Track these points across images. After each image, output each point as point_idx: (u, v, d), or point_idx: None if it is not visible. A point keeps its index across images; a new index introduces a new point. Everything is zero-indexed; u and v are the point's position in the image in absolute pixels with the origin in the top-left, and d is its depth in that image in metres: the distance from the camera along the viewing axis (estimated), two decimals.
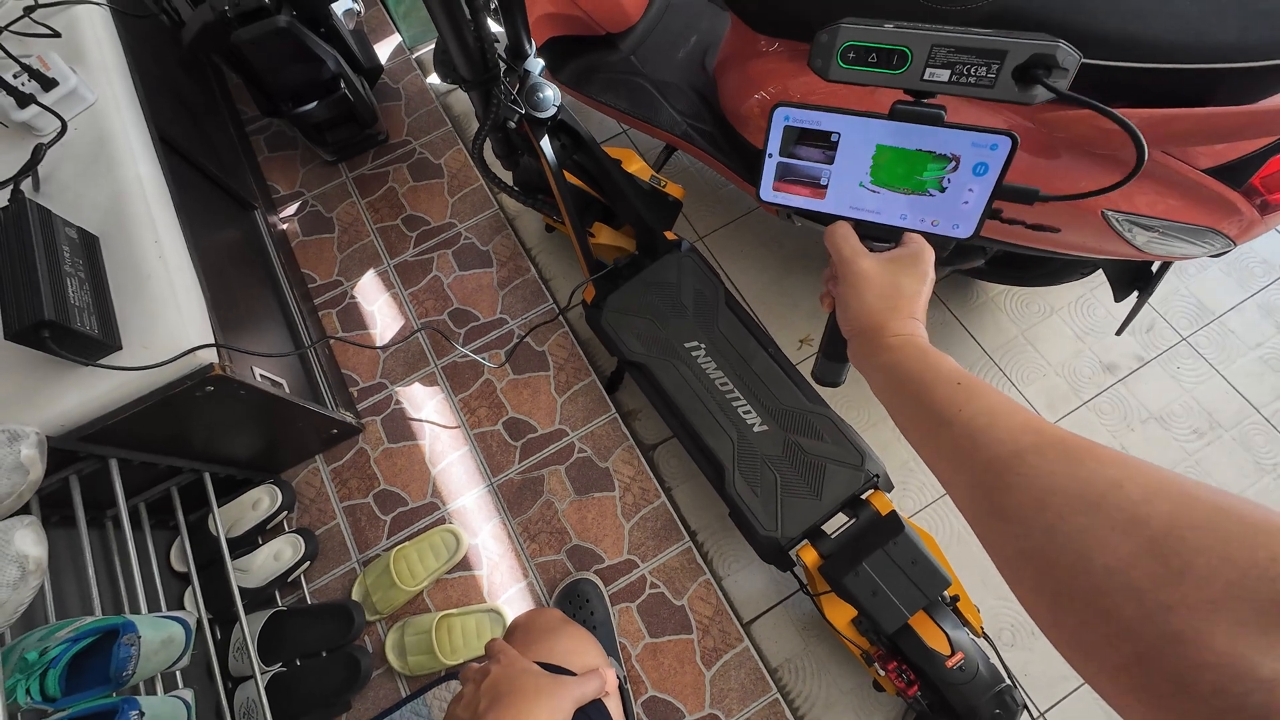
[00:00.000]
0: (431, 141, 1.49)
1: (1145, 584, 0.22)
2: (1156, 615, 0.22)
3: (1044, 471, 0.28)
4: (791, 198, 0.47)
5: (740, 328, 1.10)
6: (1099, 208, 0.72)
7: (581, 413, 1.22)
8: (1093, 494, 0.26)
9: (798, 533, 0.95)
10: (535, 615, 0.64)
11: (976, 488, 0.31)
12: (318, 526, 1.16)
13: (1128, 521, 0.24)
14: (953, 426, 0.34)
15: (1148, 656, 0.21)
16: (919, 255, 0.44)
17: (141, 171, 0.92)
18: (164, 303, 0.82)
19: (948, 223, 0.44)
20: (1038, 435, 0.30)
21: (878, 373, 0.42)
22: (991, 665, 0.86)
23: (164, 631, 0.69)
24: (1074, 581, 0.25)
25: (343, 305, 1.35)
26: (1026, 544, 0.27)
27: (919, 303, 0.44)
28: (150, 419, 0.82)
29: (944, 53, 0.41)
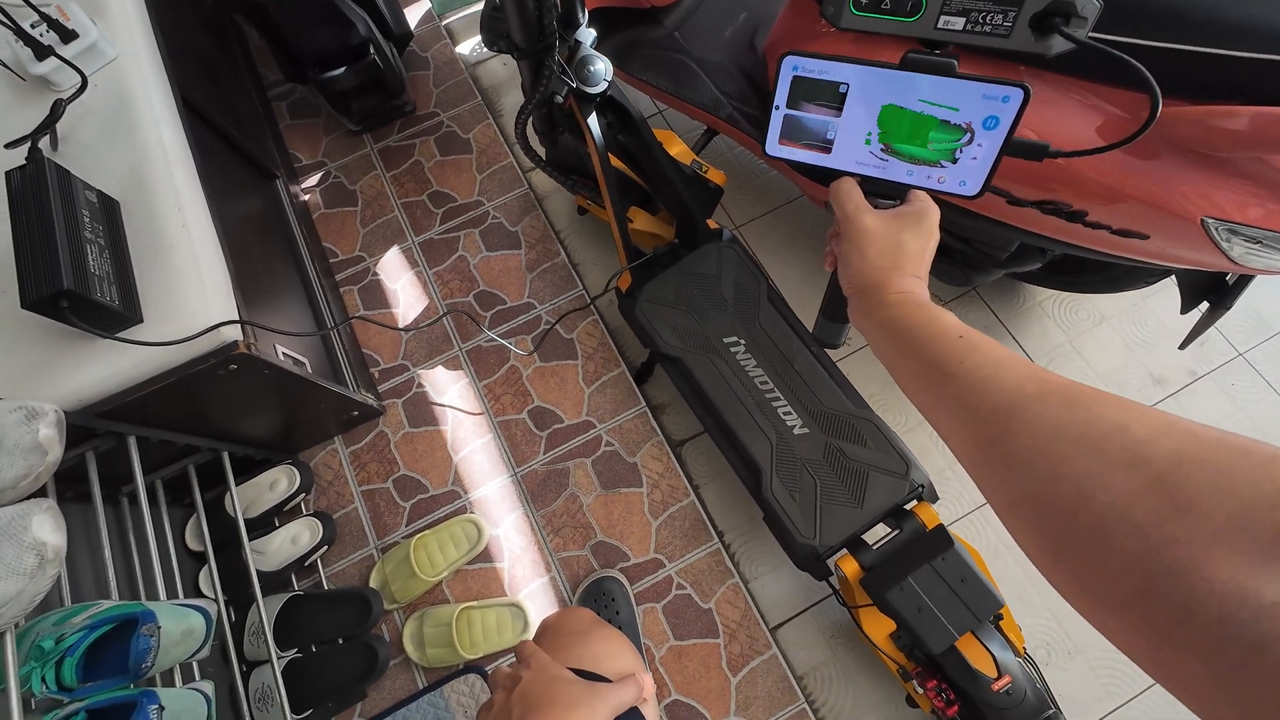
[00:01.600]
0: (460, 115, 1.43)
1: (1148, 519, 0.22)
2: (1160, 549, 0.22)
3: (1047, 417, 0.28)
4: (797, 152, 0.46)
5: (783, 324, 1.05)
6: (1199, 215, 0.66)
7: (610, 405, 1.18)
8: (1096, 436, 0.26)
9: (836, 541, 0.91)
10: (565, 616, 0.60)
11: (979, 437, 0.31)
12: (335, 510, 1.13)
13: (1131, 460, 0.24)
14: (955, 379, 0.34)
15: (1150, 590, 0.22)
16: (924, 213, 0.44)
17: (164, 135, 0.87)
18: (187, 275, 0.78)
19: (954, 180, 0.43)
20: (1041, 384, 0.30)
21: (877, 329, 0.42)
22: (1039, 690, 0.82)
23: (184, 622, 0.66)
24: (1075, 520, 0.25)
25: (365, 282, 1.30)
26: (1029, 487, 0.27)
27: (922, 261, 0.43)
28: (170, 396, 0.78)
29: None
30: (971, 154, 0.42)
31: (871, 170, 0.45)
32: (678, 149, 1.15)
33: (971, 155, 0.42)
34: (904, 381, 0.40)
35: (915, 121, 0.42)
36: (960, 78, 0.40)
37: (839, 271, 0.46)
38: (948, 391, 0.34)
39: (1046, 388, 0.30)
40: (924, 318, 0.39)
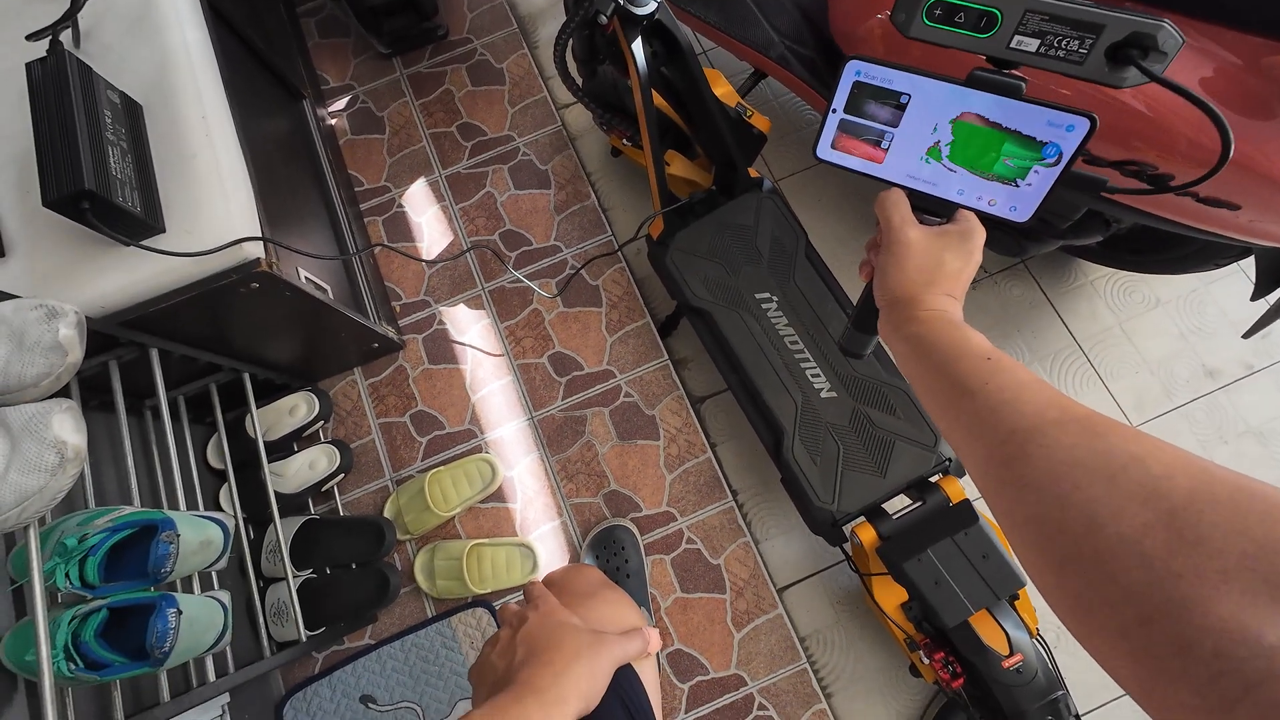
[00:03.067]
0: (494, 43, 1.36)
1: (1157, 551, 0.23)
2: (1165, 581, 0.22)
3: (1065, 444, 0.28)
4: (848, 158, 0.46)
5: (819, 283, 1.00)
6: None
7: (632, 355, 1.16)
8: (1112, 467, 0.26)
9: (855, 509, 0.89)
10: (574, 573, 0.59)
11: (993, 457, 0.32)
12: (353, 440, 1.14)
13: (1147, 495, 0.24)
14: (976, 397, 0.34)
15: (1151, 620, 0.22)
16: (969, 233, 0.44)
17: (189, 38, 0.83)
18: (210, 186, 0.75)
19: (1005, 204, 0.43)
20: (1062, 411, 0.30)
21: (904, 344, 0.42)
22: (1050, 671, 0.81)
23: (203, 533, 0.67)
24: (1082, 547, 0.25)
25: (390, 214, 1.27)
26: (1038, 510, 0.28)
27: (959, 281, 0.43)
28: (192, 310, 0.77)
29: (1036, 20, 0.38)
30: (1028, 179, 0.41)
31: (921, 185, 0.45)
32: (723, 90, 1.08)
33: (1028, 181, 0.41)
34: (926, 397, 0.40)
35: (989, 137, 0.41)
36: (1027, 101, 0.40)
37: (875, 282, 0.46)
38: (968, 408, 0.35)
39: (1067, 415, 0.30)
40: (953, 337, 0.39)
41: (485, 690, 0.45)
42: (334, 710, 1.01)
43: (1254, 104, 0.60)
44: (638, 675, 0.50)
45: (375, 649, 1.03)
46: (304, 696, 1.02)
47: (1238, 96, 0.60)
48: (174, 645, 0.60)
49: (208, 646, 0.67)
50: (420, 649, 1.03)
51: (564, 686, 0.42)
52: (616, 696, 0.47)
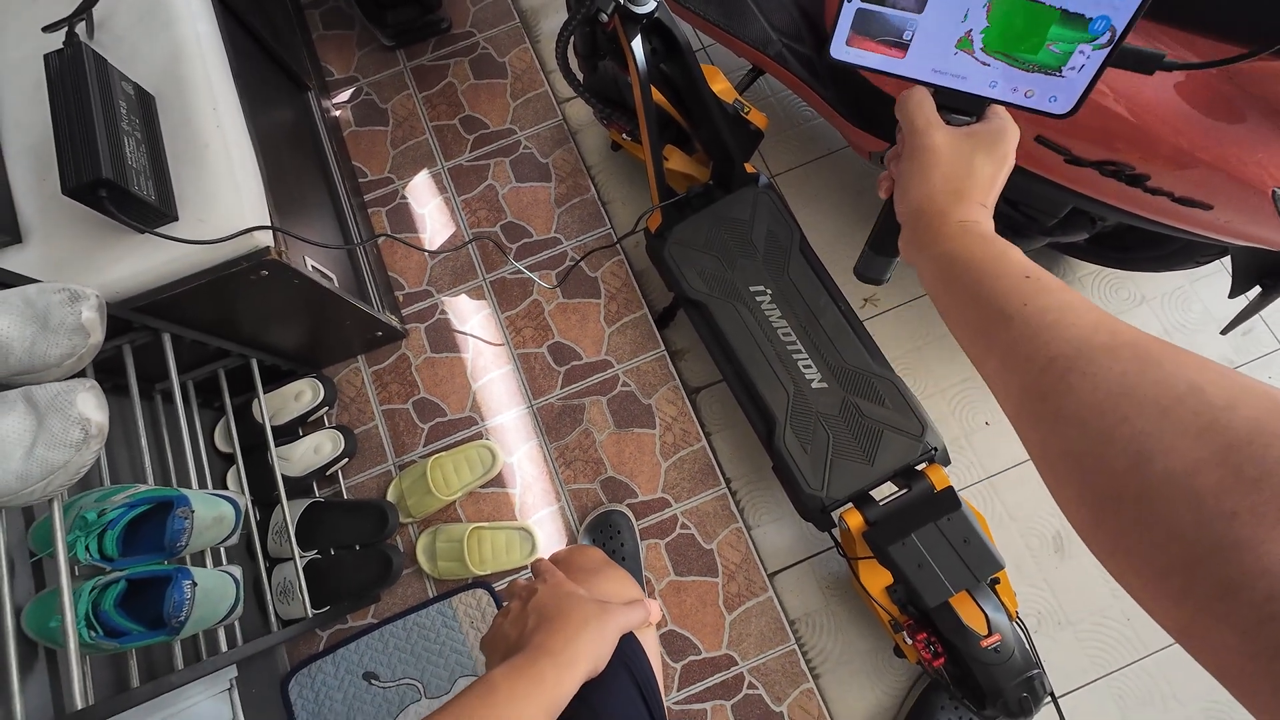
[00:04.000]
0: (496, 37, 1.38)
1: (1208, 490, 0.21)
2: (1215, 521, 0.21)
3: (1114, 373, 0.26)
4: (866, 55, 0.41)
5: (813, 277, 1.03)
6: (1272, 186, 0.63)
7: (629, 346, 1.18)
8: (1167, 398, 0.24)
9: (843, 495, 0.92)
10: (578, 553, 0.62)
11: (1031, 388, 0.29)
12: (356, 426, 1.17)
13: (1203, 427, 0.22)
14: (1013, 322, 0.31)
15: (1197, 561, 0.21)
16: (1002, 132, 0.39)
17: (199, 29, 0.85)
18: (221, 176, 0.78)
19: (1044, 95, 0.38)
20: (1111, 335, 0.27)
21: (931, 263, 0.38)
22: (1026, 651, 0.84)
23: (216, 509, 0.70)
24: (1125, 485, 0.23)
25: (393, 205, 1.29)
26: (1078, 445, 0.26)
27: (992, 188, 0.39)
28: (204, 297, 0.80)
29: None
30: (1072, 63, 0.36)
31: (949, 80, 0.39)
32: (720, 86, 1.10)
33: (1071, 65, 0.36)
34: (955, 323, 0.36)
35: (1031, 18, 0.36)
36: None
37: (896, 194, 0.41)
38: (1004, 336, 0.31)
39: (1117, 340, 0.27)
40: (987, 252, 0.35)
41: (499, 656, 0.47)
42: (337, 686, 1.04)
43: (1224, 108, 0.63)
44: (640, 643, 0.53)
45: (378, 628, 1.06)
46: (308, 673, 1.05)
47: (1210, 101, 0.63)
48: (190, 615, 0.63)
49: (220, 617, 0.70)
50: (422, 628, 1.06)
51: (575, 649, 0.45)
52: (622, 662, 0.50)
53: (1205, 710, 1.04)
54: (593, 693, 0.47)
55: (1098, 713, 1.05)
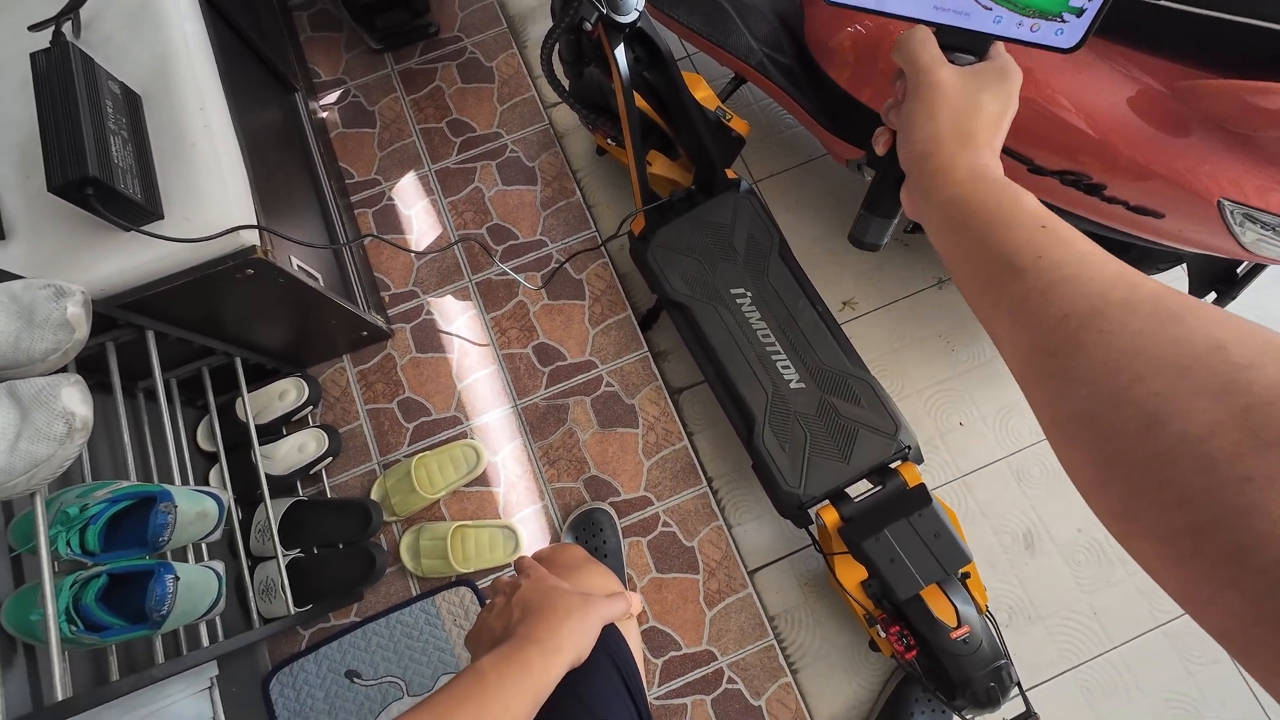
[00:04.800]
0: (484, 42, 1.40)
1: (1224, 454, 0.20)
2: (1228, 485, 0.20)
3: (1130, 330, 0.24)
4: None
5: (791, 280, 1.06)
6: (1217, 196, 0.66)
7: (613, 347, 1.20)
8: (1186, 357, 0.22)
9: (820, 493, 0.95)
10: (559, 550, 0.64)
11: (1041, 345, 0.27)
12: (341, 425, 1.17)
13: (1222, 387, 0.21)
14: (1025, 276, 0.29)
15: (1207, 526, 0.20)
16: (1006, 70, 0.38)
17: (188, 30, 0.86)
18: (208, 175, 0.79)
19: (1050, 29, 0.37)
20: (1130, 289, 0.26)
21: (938, 211, 0.36)
22: (994, 642, 0.87)
23: (199, 504, 0.71)
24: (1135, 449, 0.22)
25: (379, 206, 1.30)
26: (1087, 406, 0.25)
27: (999, 129, 0.37)
28: (189, 295, 0.80)
29: None
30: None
31: (951, 18, 0.38)
32: (703, 94, 1.13)
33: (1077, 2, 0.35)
34: (962, 275, 0.34)
35: None
36: None
37: (900, 139, 0.39)
38: (1014, 290, 0.29)
39: (1136, 294, 0.25)
40: (999, 199, 0.33)
41: (485, 649, 0.49)
42: (319, 685, 1.04)
43: (1172, 123, 0.66)
44: (622, 634, 0.55)
45: (361, 626, 1.06)
46: (290, 672, 1.05)
47: (1160, 115, 0.67)
48: (172, 609, 0.64)
49: (202, 612, 0.70)
50: (405, 626, 1.07)
51: (560, 638, 0.47)
52: (605, 652, 0.52)
53: (1167, 700, 1.08)
54: (577, 681, 0.49)
55: (1066, 704, 1.08)
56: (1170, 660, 1.09)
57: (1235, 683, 1.08)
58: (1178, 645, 1.10)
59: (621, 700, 0.51)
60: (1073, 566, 1.14)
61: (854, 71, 0.96)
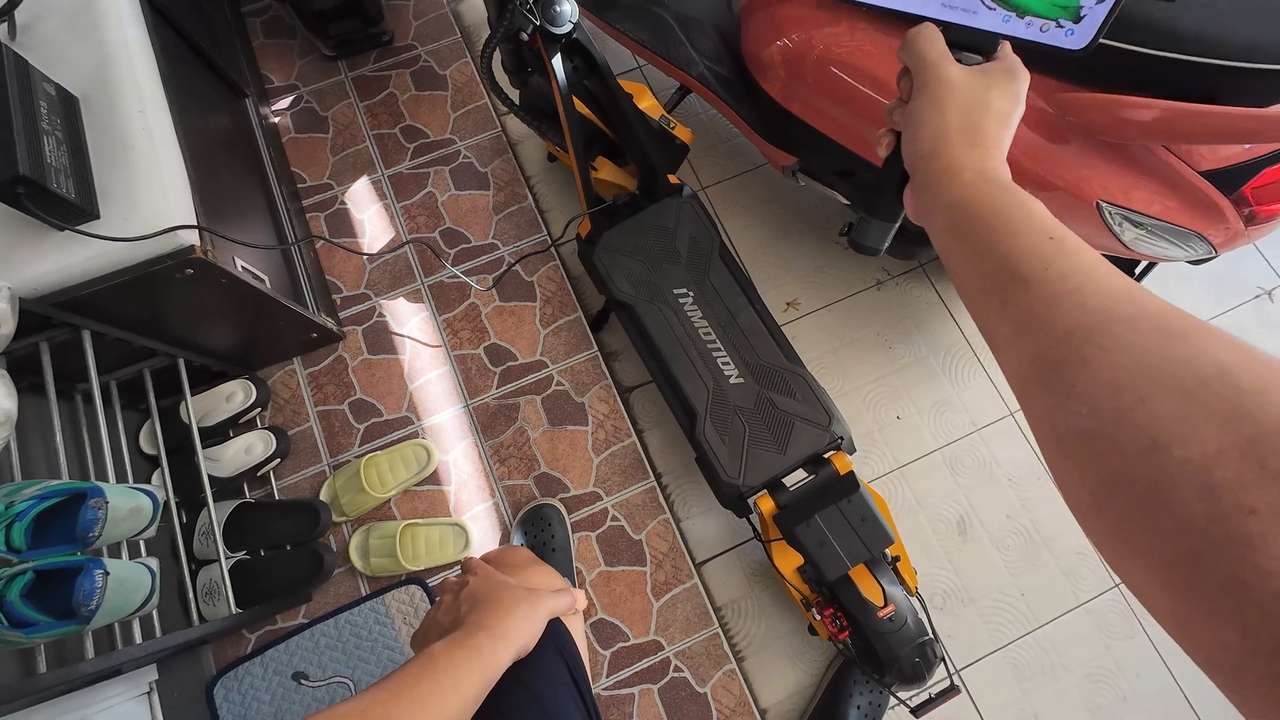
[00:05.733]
0: (438, 50, 1.43)
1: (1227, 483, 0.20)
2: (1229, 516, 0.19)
3: (1134, 348, 0.24)
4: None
5: (731, 281, 1.10)
6: (1095, 199, 0.73)
7: (564, 347, 1.23)
8: (1190, 378, 0.22)
9: (758, 482, 0.99)
10: (505, 551, 0.66)
11: (1043, 359, 0.27)
12: (290, 427, 1.17)
13: (1229, 414, 0.20)
14: (1030, 286, 0.29)
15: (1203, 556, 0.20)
16: (1014, 71, 0.37)
17: (129, 35, 0.87)
18: (146, 176, 0.80)
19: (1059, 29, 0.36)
20: (1135, 306, 0.25)
21: (944, 213, 0.35)
22: (919, 620, 0.92)
23: (132, 501, 0.71)
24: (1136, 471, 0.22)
25: (332, 210, 1.31)
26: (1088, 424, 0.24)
27: (1006, 129, 0.37)
28: (127, 295, 0.81)
29: None
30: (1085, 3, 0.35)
31: (959, 16, 0.38)
32: (648, 103, 1.17)
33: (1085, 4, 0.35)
34: (965, 280, 0.33)
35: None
36: None
37: (906, 138, 0.38)
38: (1018, 299, 0.29)
39: (1141, 310, 0.25)
40: (1007, 203, 0.32)
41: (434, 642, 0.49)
42: (266, 688, 1.04)
43: (1052, 132, 0.73)
44: (568, 629, 0.57)
45: (309, 627, 1.06)
46: (235, 676, 1.04)
47: (1044, 126, 0.73)
48: (100, 604, 0.64)
49: (135, 608, 0.70)
50: (354, 626, 1.07)
51: (508, 625, 0.49)
52: (552, 644, 0.54)
53: (1089, 676, 1.14)
54: (525, 670, 0.51)
55: (996, 682, 1.13)
56: (1091, 637, 1.16)
57: (1150, 656, 1.15)
58: (1098, 622, 1.17)
59: (568, 690, 0.53)
60: (1002, 551, 1.20)
61: (784, 84, 1.02)
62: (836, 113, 0.95)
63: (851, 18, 0.88)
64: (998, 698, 1.13)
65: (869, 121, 0.92)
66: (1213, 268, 1.40)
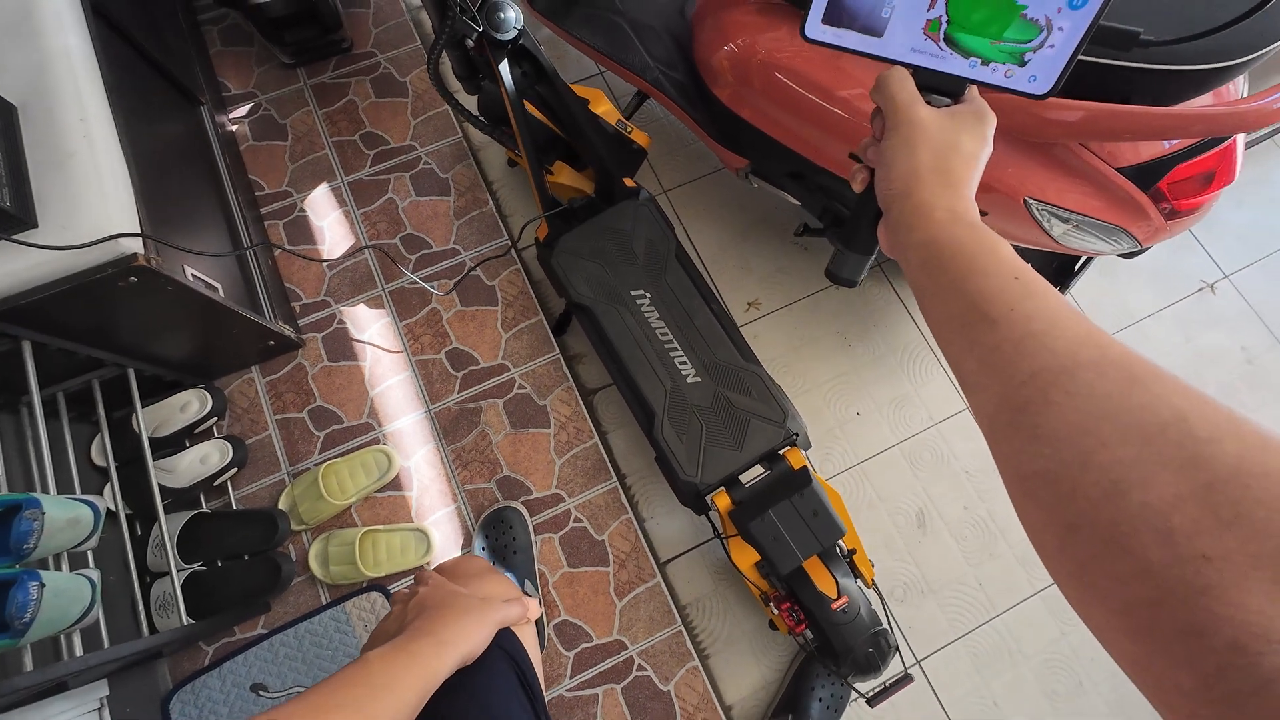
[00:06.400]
0: (398, 57, 1.43)
1: (1184, 529, 0.20)
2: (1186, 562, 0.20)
3: (1098, 393, 0.25)
4: (843, 35, 0.41)
5: (687, 282, 1.12)
6: (1022, 195, 0.76)
7: (525, 350, 1.24)
8: (1151, 425, 0.23)
9: (715, 480, 1.00)
10: (460, 561, 0.66)
11: (1009, 400, 0.28)
12: (249, 436, 1.16)
13: (1186, 460, 0.21)
14: (997, 326, 0.30)
15: (1163, 601, 0.20)
16: (982, 114, 0.39)
17: (70, 43, 0.86)
18: (86, 184, 0.79)
19: (1023, 75, 0.38)
20: (1099, 351, 0.26)
21: (916, 251, 0.36)
22: (872, 610, 0.94)
23: (71, 511, 0.70)
24: (1098, 514, 0.23)
25: (291, 217, 1.31)
26: (1051, 466, 0.25)
27: (975, 169, 0.38)
28: (69, 304, 0.80)
29: None
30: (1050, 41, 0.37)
31: (927, 61, 0.39)
32: (604, 108, 1.19)
33: (1050, 43, 0.37)
34: (936, 316, 0.35)
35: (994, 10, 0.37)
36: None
37: (880, 175, 0.40)
38: (985, 339, 0.30)
39: (1105, 356, 0.26)
40: (976, 246, 0.34)
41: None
42: (223, 700, 1.02)
43: None
44: (519, 638, 0.57)
45: (268, 638, 1.05)
46: (192, 689, 1.03)
47: None
48: (35, 616, 0.63)
49: (73, 620, 0.69)
50: (314, 635, 1.06)
51: (453, 631, 0.48)
52: (503, 652, 0.54)
53: (1045, 661, 1.17)
54: (472, 678, 0.50)
55: (956, 671, 1.15)
56: (1047, 623, 1.19)
57: None
58: (1054, 609, 1.19)
59: (516, 696, 0.52)
60: (960, 542, 1.23)
61: (732, 89, 1.04)
62: (781, 117, 0.98)
63: (791, 23, 0.90)
64: (958, 686, 1.15)
65: (813, 126, 0.94)
66: (1157, 262, 1.45)
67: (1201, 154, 0.72)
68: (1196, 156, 0.72)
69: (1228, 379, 1.37)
